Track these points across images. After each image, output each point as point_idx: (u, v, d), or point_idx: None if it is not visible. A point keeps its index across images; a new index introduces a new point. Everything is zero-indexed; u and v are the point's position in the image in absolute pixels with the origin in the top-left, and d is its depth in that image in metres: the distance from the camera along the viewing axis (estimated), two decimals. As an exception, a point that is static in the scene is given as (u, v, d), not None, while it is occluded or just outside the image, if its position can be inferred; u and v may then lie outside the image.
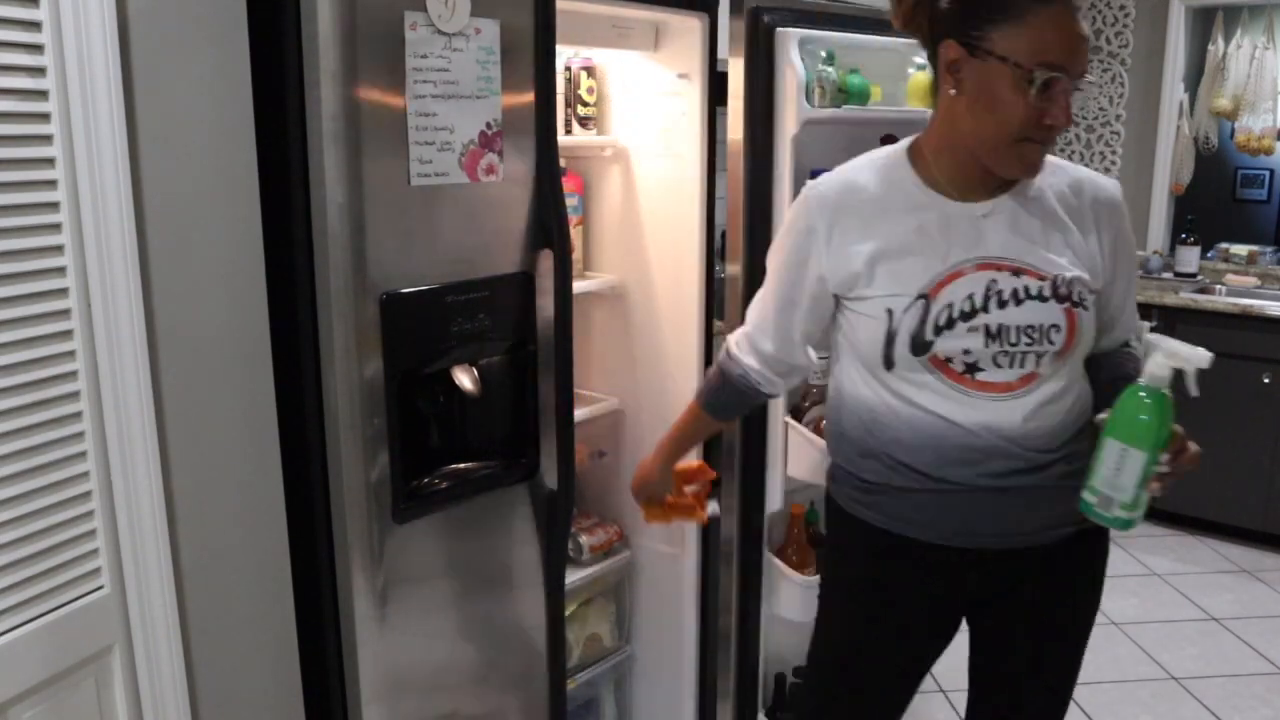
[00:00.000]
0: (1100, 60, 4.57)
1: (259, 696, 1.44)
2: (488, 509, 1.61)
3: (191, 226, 1.28)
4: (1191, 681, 2.98)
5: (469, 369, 1.50)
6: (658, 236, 2.15)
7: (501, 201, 1.52)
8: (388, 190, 1.38)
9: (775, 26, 1.95)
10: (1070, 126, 1.52)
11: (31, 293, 1.11)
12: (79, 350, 1.17)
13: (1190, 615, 3.39)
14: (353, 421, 1.40)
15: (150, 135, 1.22)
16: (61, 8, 1.10)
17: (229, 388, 1.35)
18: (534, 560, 1.69)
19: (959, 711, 2.81)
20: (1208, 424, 3.95)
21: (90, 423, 1.19)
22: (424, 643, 1.55)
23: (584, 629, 2.23)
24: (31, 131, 1.10)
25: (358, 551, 1.44)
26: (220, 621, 1.37)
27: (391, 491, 1.45)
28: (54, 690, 1.19)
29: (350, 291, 1.37)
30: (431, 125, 1.41)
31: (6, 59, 1.07)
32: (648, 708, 2.37)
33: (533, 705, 1.75)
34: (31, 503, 1.14)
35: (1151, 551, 3.86)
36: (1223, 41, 4.37)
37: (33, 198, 1.11)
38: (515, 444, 1.63)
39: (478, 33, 1.44)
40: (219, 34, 1.28)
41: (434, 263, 1.45)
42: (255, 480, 1.40)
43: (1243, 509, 3.87)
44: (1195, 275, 4.32)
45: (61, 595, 1.18)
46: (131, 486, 1.23)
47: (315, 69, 1.30)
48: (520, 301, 1.58)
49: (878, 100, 2.24)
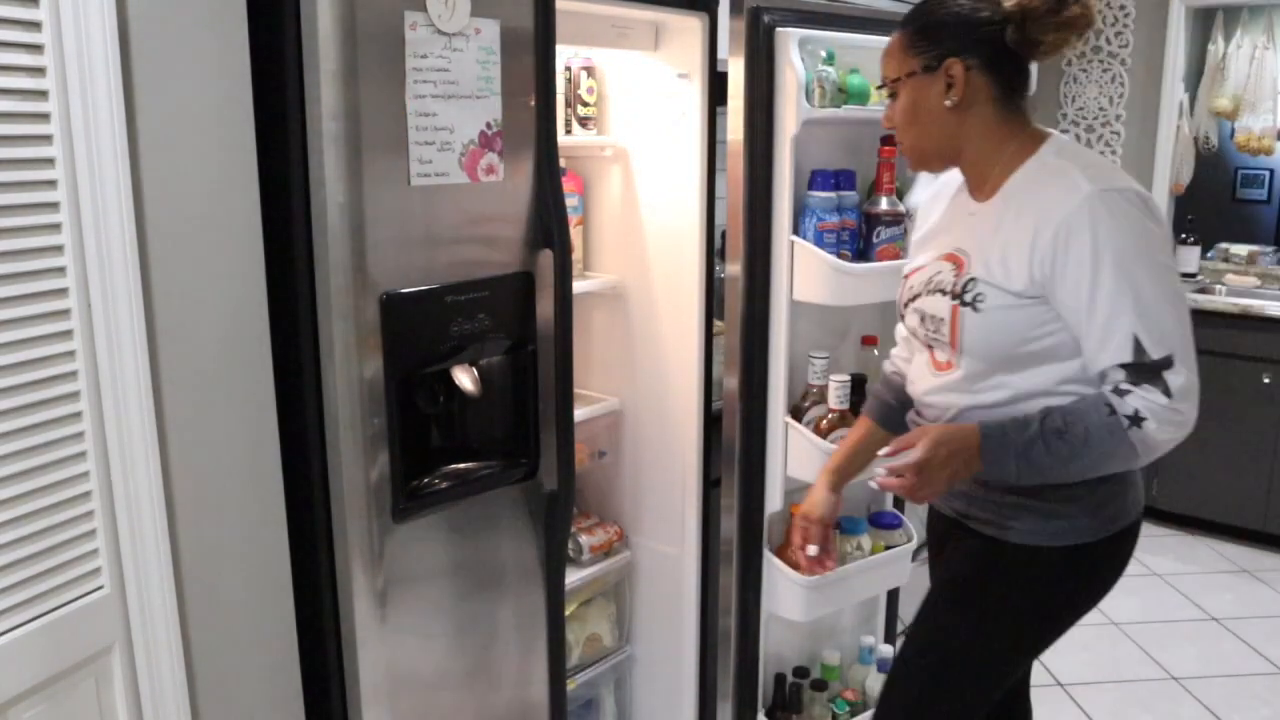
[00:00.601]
0: (1100, 60, 4.57)
1: (259, 696, 1.44)
2: (488, 509, 1.61)
3: (191, 226, 1.28)
4: (1191, 681, 2.98)
5: (469, 369, 1.50)
6: (658, 236, 2.15)
7: (501, 202, 1.52)
8: (388, 190, 1.38)
9: (775, 26, 1.95)
10: (889, 127, 1.55)
11: (31, 293, 1.11)
12: (79, 350, 1.17)
13: (1190, 615, 3.39)
14: (353, 421, 1.40)
15: (150, 135, 1.21)
16: (61, 8, 1.10)
17: (229, 388, 1.35)
18: (534, 560, 1.70)
19: (959, 711, 2.81)
20: (1208, 424, 3.96)
21: (90, 423, 1.19)
22: (424, 643, 1.55)
23: (584, 629, 2.23)
24: (31, 131, 1.10)
25: (358, 551, 1.44)
26: (220, 621, 1.37)
27: (391, 491, 1.45)
28: (54, 690, 1.19)
29: (350, 291, 1.37)
30: (431, 125, 1.41)
31: (6, 59, 1.07)
32: (648, 708, 2.37)
33: (533, 705, 1.75)
34: (31, 503, 1.14)
35: (1151, 551, 3.86)
36: (1223, 41, 4.37)
37: (33, 198, 1.11)
38: (515, 444, 1.63)
39: (478, 33, 1.44)
40: (219, 34, 1.28)
41: (434, 262, 1.45)
42: (255, 480, 1.40)
43: (1243, 509, 3.87)
44: (1195, 275, 4.33)
45: (61, 595, 1.18)
46: (131, 486, 1.23)
47: (315, 69, 1.30)
48: (520, 301, 1.58)
49: (878, 100, 2.24)
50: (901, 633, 3.20)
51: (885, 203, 2.19)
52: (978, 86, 1.44)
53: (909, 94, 1.48)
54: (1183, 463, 3.95)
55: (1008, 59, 1.45)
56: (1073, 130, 4.68)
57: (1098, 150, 4.62)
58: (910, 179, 2.33)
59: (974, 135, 1.47)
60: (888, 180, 2.20)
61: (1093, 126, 4.63)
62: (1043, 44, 1.42)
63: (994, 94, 1.45)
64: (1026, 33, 1.41)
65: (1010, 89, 1.46)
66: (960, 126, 1.46)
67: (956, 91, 1.44)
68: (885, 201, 2.19)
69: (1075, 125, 4.68)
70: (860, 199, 2.23)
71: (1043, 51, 1.44)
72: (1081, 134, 4.66)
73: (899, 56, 1.49)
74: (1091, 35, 4.54)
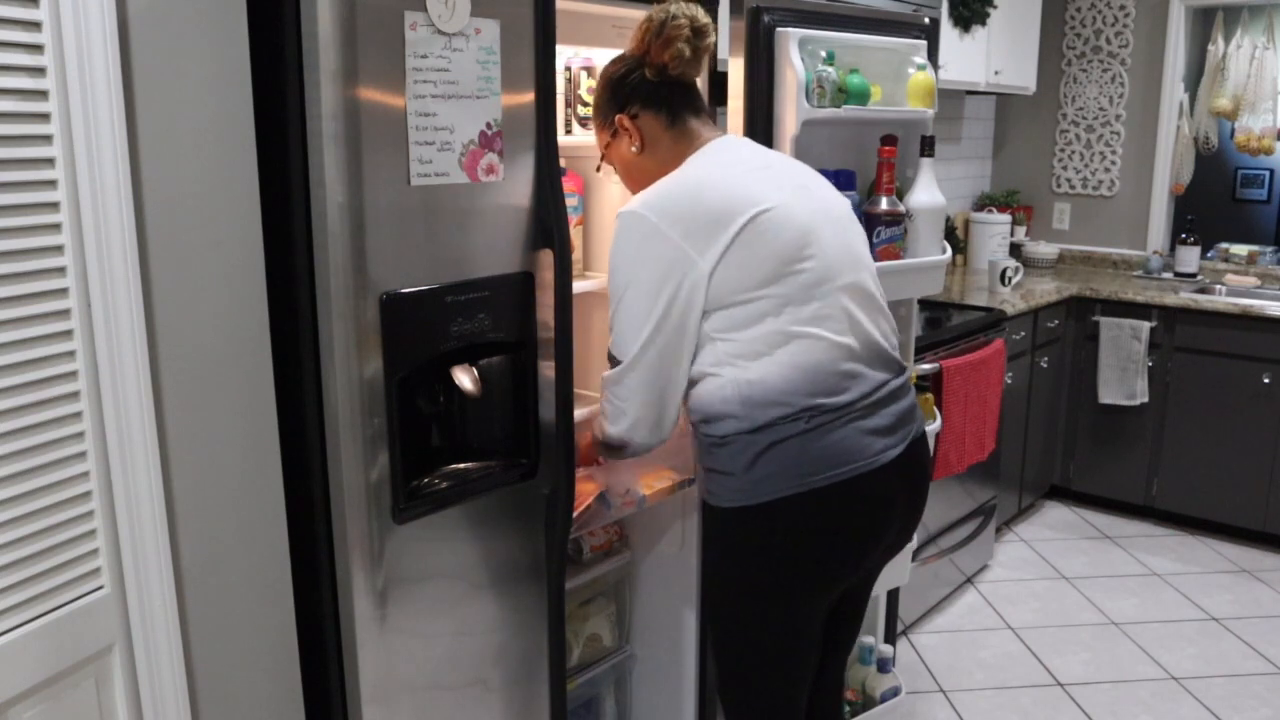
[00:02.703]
0: (1100, 60, 4.57)
1: (259, 696, 1.45)
2: (488, 509, 1.61)
3: (191, 226, 1.28)
4: (1191, 681, 2.98)
5: (469, 369, 1.50)
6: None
7: (501, 201, 1.53)
8: (388, 190, 1.38)
9: (775, 26, 1.95)
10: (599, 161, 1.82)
11: (31, 293, 1.11)
12: (79, 350, 1.17)
13: (1190, 615, 3.39)
14: (353, 421, 1.40)
15: (150, 135, 1.22)
16: (61, 8, 1.10)
17: (229, 388, 1.35)
18: (534, 560, 1.70)
19: (959, 711, 2.81)
20: (1208, 424, 3.98)
21: (90, 423, 1.19)
22: (424, 643, 1.55)
23: (584, 629, 2.23)
24: (31, 131, 1.10)
25: (358, 551, 1.44)
26: (220, 621, 1.38)
27: (391, 491, 1.45)
28: (54, 690, 1.19)
29: (350, 291, 1.37)
30: (431, 125, 1.41)
31: (6, 59, 1.07)
32: (648, 708, 2.37)
33: (533, 705, 1.75)
34: (31, 503, 1.14)
35: (1151, 551, 3.86)
36: (1223, 41, 4.37)
37: (33, 198, 1.11)
38: (515, 444, 1.63)
39: (478, 33, 1.44)
40: (219, 34, 1.28)
41: (434, 262, 1.45)
42: (255, 480, 1.40)
43: (1243, 509, 3.87)
44: (1195, 275, 4.33)
45: (61, 595, 1.18)
46: (131, 486, 1.23)
47: (315, 69, 1.30)
48: (520, 301, 1.58)
49: (878, 100, 2.24)
50: (902, 633, 3.20)
51: (885, 203, 2.19)
52: (648, 125, 1.69)
53: (615, 156, 1.76)
54: (1183, 463, 3.96)
55: (661, 90, 1.67)
56: (1073, 130, 4.68)
57: (1098, 150, 4.63)
58: (910, 179, 2.33)
59: (664, 163, 1.68)
60: (887, 180, 2.20)
61: (1093, 126, 4.63)
62: (667, 65, 1.64)
63: (663, 124, 1.68)
64: (653, 64, 1.65)
65: (674, 115, 1.68)
66: (656, 162, 1.69)
67: (634, 138, 1.69)
68: (885, 201, 2.19)
69: (1075, 125, 4.68)
70: (860, 199, 2.23)
71: (675, 69, 1.65)
72: (1082, 134, 4.66)
73: (597, 136, 1.77)
74: (1091, 35, 4.55)
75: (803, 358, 1.53)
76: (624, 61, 1.70)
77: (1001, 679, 2.99)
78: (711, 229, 1.52)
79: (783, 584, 1.61)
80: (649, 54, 1.65)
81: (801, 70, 1.97)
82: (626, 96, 1.68)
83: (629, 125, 1.69)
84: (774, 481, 1.55)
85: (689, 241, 1.52)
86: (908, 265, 2.25)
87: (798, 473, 1.54)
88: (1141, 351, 3.95)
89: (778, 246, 1.53)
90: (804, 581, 1.61)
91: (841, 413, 1.55)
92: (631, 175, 1.75)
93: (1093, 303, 4.11)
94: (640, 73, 1.67)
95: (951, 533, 3.38)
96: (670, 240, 1.53)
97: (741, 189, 1.55)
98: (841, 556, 1.62)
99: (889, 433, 1.60)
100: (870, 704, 2.43)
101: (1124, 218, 4.64)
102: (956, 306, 3.63)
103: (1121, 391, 4.01)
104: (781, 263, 1.53)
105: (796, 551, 1.59)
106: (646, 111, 1.68)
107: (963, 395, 3.07)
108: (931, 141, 2.28)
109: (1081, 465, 4.23)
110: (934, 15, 2.48)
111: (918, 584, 3.15)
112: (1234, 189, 6.17)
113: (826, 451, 1.54)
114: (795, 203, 1.57)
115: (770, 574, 1.60)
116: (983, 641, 3.21)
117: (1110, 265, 4.66)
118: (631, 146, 1.70)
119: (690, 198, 1.55)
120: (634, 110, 1.68)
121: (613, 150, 1.75)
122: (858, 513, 1.59)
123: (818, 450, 1.54)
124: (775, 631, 1.64)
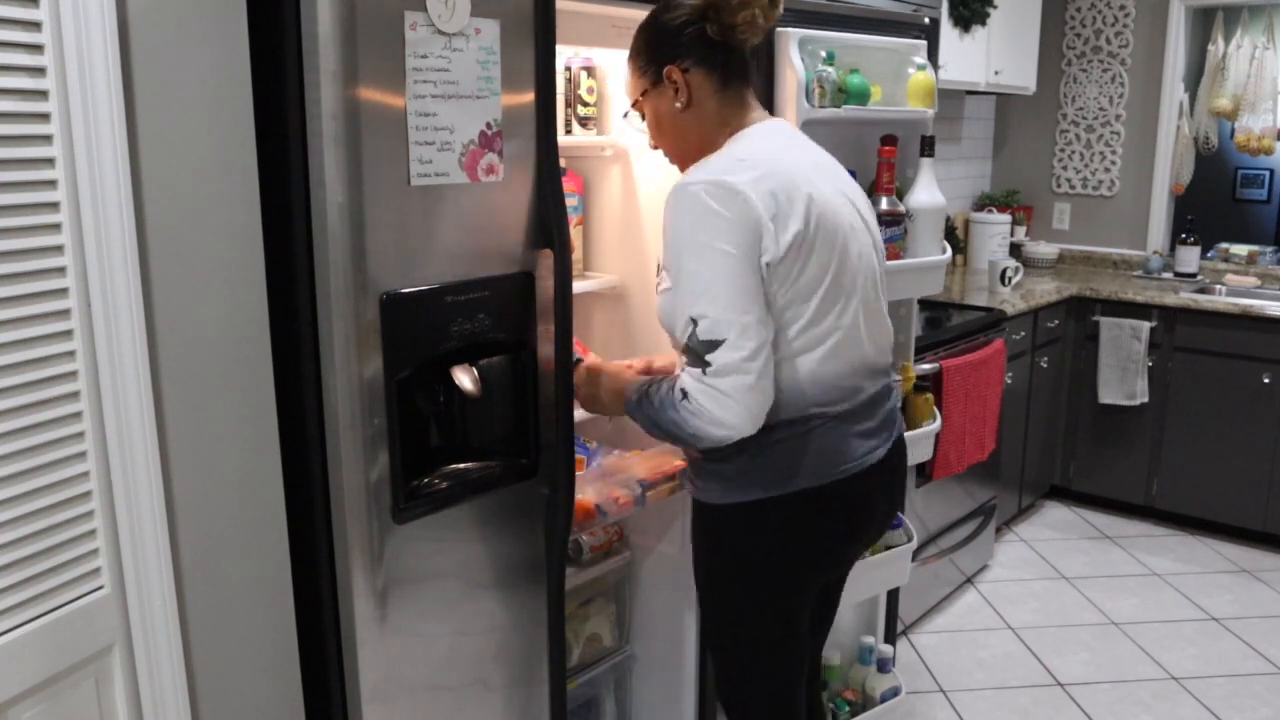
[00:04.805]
0: (1100, 60, 4.57)
1: (259, 696, 1.45)
2: (488, 509, 1.61)
3: (191, 226, 1.28)
4: (1191, 681, 2.98)
5: (469, 369, 1.50)
6: (658, 236, 2.14)
7: (501, 201, 1.53)
8: (388, 190, 1.38)
9: (775, 26, 1.95)
10: (653, 147, 1.72)
11: (31, 293, 1.11)
12: (79, 350, 1.17)
13: (1190, 615, 3.39)
14: (353, 421, 1.40)
15: (150, 135, 1.22)
16: (61, 8, 1.10)
17: (229, 388, 1.35)
18: (534, 560, 1.70)
19: (959, 711, 2.82)
20: (1208, 424, 3.98)
21: (90, 423, 1.19)
22: (424, 643, 1.55)
23: (584, 629, 2.23)
24: (31, 131, 1.10)
25: (358, 551, 1.44)
26: (220, 621, 1.38)
27: (391, 491, 1.45)
28: (54, 690, 1.19)
29: (350, 291, 1.37)
30: (431, 125, 1.41)
31: (6, 59, 1.07)
32: (648, 708, 2.37)
33: (533, 705, 1.75)
34: (31, 503, 1.14)
35: (1151, 551, 3.86)
36: (1223, 41, 4.37)
37: (33, 198, 1.11)
38: (515, 444, 1.63)
39: (478, 33, 1.44)
40: (219, 34, 1.28)
41: (434, 263, 1.45)
42: (255, 480, 1.40)
43: (1243, 509, 3.87)
44: (1195, 275, 4.33)
45: (61, 595, 1.18)
46: (131, 486, 1.23)
47: (315, 69, 1.30)
48: (520, 301, 1.58)
49: (878, 100, 2.24)
50: (902, 633, 3.20)
51: (885, 203, 2.19)
52: (698, 83, 1.59)
53: (649, 109, 1.66)
54: (1183, 463, 3.96)
55: (718, 51, 1.58)
56: (1073, 130, 4.68)
57: (1098, 150, 4.63)
58: (910, 179, 2.33)
59: (706, 127, 1.61)
60: (888, 180, 2.20)
61: (1093, 126, 4.63)
62: (737, 26, 1.55)
63: (714, 86, 1.59)
64: (721, 21, 1.55)
65: (728, 79, 1.60)
66: (696, 122, 1.61)
67: (682, 94, 1.59)
68: (885, 201, 2.19)
69: (1075, 125, 4.68)
70: (860, 199, 2.22)
71: (740, 34, 1.56)
72: (1082, 134, 4.66)
73: (633, 81, 1.66)
74: (1091, 35, 4.55)
75: (811, 370, 1.54)
76: (681, 9, 1.58)
77: (1001, 679, 2.99)
78: (787, 218, 1.47)
79: (773, 578, 1.63)
80: (717, 9, 1.54)
81: (801, 70, 1.97)
82: (682, 48, 1.57)
83: (679, 79, 1.58)
84: (767, 482, 1.57)
85: (776, 223, 1.46)
86: (908, 265, 2.25)
87: (791, 474, 1.57)
88: (1141, 351, 3.96)
89: (824, 255, 1.51)
90: (793, 576, 1.64)
91: (837, 418, 1.58)
92: (664, 130, 1.66)
93: (1093, 303, 4.11)
94: (700, 26, 1.56)
95: (951, 533, 3.38)
96: (759, 215, 1.45)
97: (814, 189, 1.51)
98: (828, 553, 1.66)
99: (875, 435, 1.63)
100: (870, 704, 2.43)
101: (1124, 218, 4.64)
102: (956, 306, 3.63)
103: (1121, 391, 4.01)
104: (821, 270, 1.51)
105: (786, 548, 1.61)
106: (700, 68, 1.58)
107: (963, 395, 3.07)
108: (931, 141, 2.28)
109: (1081, 465, 4.23)
110: (934, 15, 2.48)
111: (918, 584, 3.15)
112: (1234, 189, 6.17)
113: (820, 454, 1.57)
114: (841, 210, 1.56)
115: (760, 569, 1.62)
116: (983, 641, 3.21)
117: (1110, 265, 4.66)
118: (677, 102, 1.60)
119: (778, 178, 1.47)
120: (686, 64, 1.58)
121: (649, 101, 1.64)
122: (844, 512, 1.62)
123: (812, 453, 1.57)
124: (766, 624, 1.66)
